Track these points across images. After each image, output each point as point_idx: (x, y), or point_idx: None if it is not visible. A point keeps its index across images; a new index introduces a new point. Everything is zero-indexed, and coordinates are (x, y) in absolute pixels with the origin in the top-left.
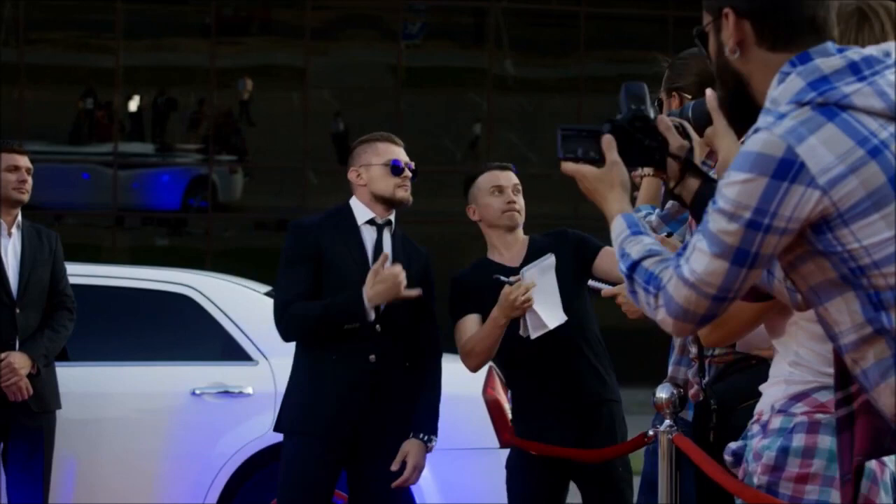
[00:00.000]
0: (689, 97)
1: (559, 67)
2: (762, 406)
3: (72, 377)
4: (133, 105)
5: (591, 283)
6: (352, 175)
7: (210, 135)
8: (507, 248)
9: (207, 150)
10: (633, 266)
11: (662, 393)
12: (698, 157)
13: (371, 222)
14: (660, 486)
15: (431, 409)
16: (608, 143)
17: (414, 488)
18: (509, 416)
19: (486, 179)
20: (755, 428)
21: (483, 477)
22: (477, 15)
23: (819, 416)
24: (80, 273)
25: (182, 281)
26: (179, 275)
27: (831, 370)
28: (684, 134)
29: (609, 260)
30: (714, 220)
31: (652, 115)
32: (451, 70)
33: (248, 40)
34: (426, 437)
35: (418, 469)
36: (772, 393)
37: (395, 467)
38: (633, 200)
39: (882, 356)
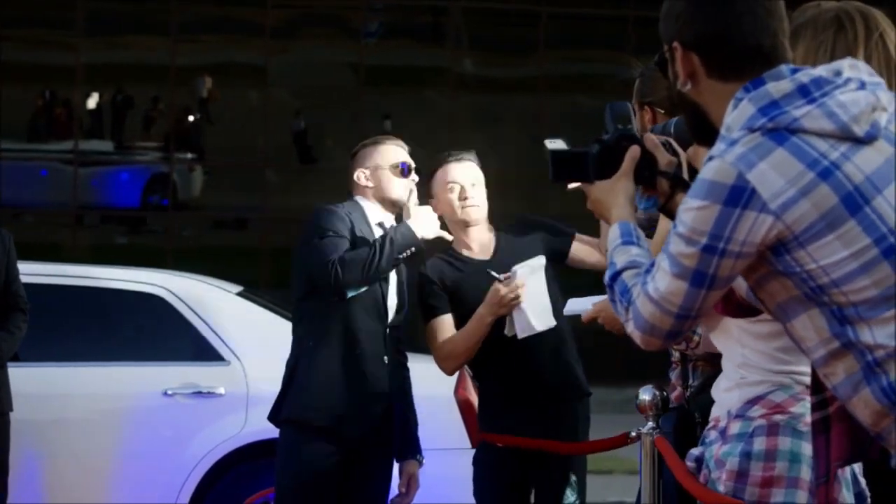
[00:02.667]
0: (662, 111)
1: (520, 66)
2: (718, 412)
3: (43, 378)
4: (93, 102)
5: (567, 310)
6: (359, 178)
7: (170, 133)
8: (472, 241)
9: (167, 148)
10: (615, 276)
11: (645, 395)
12: (686, 174)
13: (380, 225)
14: (642, 487)
15: (416, 424)
16: (634, 155)
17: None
18: None
19: (441, 174)
20: (713, 434)
21: (455, 477)
22: (438, 14)
23: (777, 417)
24: (51, 273)
25: (154, 281)
26: (151, 275)
27: (780, 368)
28: (671, 150)
29: (583, 249)
30: (674, 243)
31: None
32: (412, 69)
33: (209, 38)
34: (420, 457)
35: (417, 489)
36: (726, 398)
37: (402, 489)
38: None
39: (852, 371)
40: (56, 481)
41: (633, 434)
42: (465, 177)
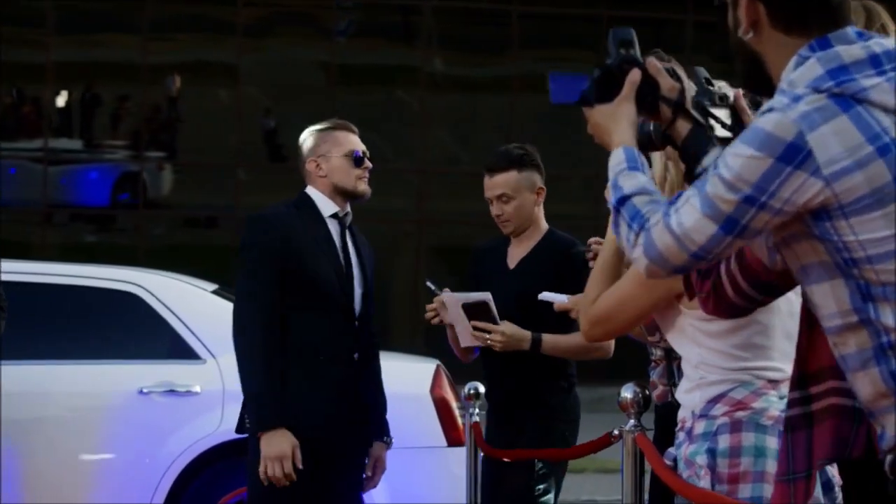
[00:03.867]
0: None
1: (491, 66)
2: (683, 413)
3: (18, 376)
4: (63, 101)
5: (542, 295)
6: (310, 165)
7: (141, 131)
8: (516, 245)
9: (138, 146)
10: (623, 200)
11: (627, 393)
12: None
13: (334, 216)
14: (624, 485)
15: (385, 407)
16: (633, 79)
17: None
18: (457, 414)
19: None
20: (681, 436)
21: (431, 476)
22: (409, 13)
23: (739, 414)
24: (26, 271)
25: (129, 279)
26: (127, 273)
27: (738, 365)
28: (675, 77)
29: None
30: (713, 185)
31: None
32: (384, 68)
33: (181, 37)
34: (388, 439)
35: (384, 471)
36: (689, 399)
37: (369, 473)
38: None
39: (864, 346)
40: (30, 480)
41: (616, 433)
42: (493, 190)
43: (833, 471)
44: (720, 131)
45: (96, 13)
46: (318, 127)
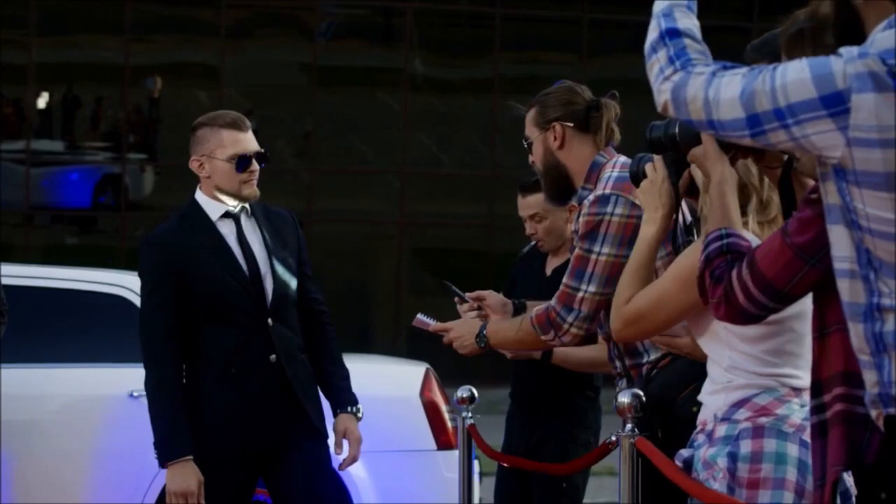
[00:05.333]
0: (571, 124)
1: (472, 68)
2: (705, 415)
3: (9, 379)
4: (45, 102)
5: (417, 319)
6: (194, 165)
7: (123, 133)
8: (553, 254)
9: (119, 147)
10: (674, 32)
11: (624, 398)
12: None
13: (226, 215)
14: (621, 489)
15: (346, 378)
16: None
17: (351, 490)
18: (447, 418)
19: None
20: (701, 438)
21: (421, 480)
22: (391, 15)
23: (762, 419)
24: (14, 274)
25: (118, 282)
26: (115, 276)
27: (767, 370)
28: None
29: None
30: (762, 81)
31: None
32: (365, 70)
33: (163, 38)
34: (354, 409)
35: (359, 442)
36: (713, 401)
37: (338, 450)
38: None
39: (859, 300)
40: (21, 483)
41: (613, 438)
42: (526, 209)
43: (850, 480)
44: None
45: (78, 14)
46: (205, 120)
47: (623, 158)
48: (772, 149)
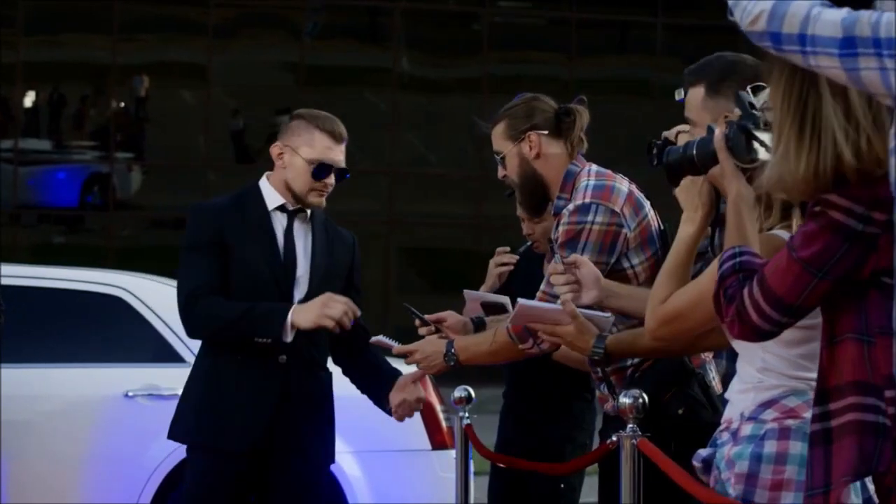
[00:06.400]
0: (546, 132)
1: (460, 67)
2: (730, 413)
3: (5, 379)
4: (32, 101)
5: (374, 339)
6: (274, 150)
7: (110, 132)
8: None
9: (107, 147)
10: None
11: (626, 399)
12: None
13: (282, 208)
14: (623, 491)
15: (387, 371)
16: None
17: (346, 490)
18: (441, 418)
19: None
20: (725, 435)
21: (416, 479)
22: (378, 14)
23: (789, 421)
24: (11, 274)
25: (113, 282)
26: (110, 276)
27: (798, 373)
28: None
29: None
30: (868, 14)
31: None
32: (353, 69)
33: (150, 37)
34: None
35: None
36: (740, 400)
37: (395, 402)
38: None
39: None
40: (16, 483)
41: (613, 439)
42: (523, 213)
43: (872, 488)
44: (763, 154)
45: (66, 13)
46: (306, 114)
47: (595, 167)
48: (836, 77)
